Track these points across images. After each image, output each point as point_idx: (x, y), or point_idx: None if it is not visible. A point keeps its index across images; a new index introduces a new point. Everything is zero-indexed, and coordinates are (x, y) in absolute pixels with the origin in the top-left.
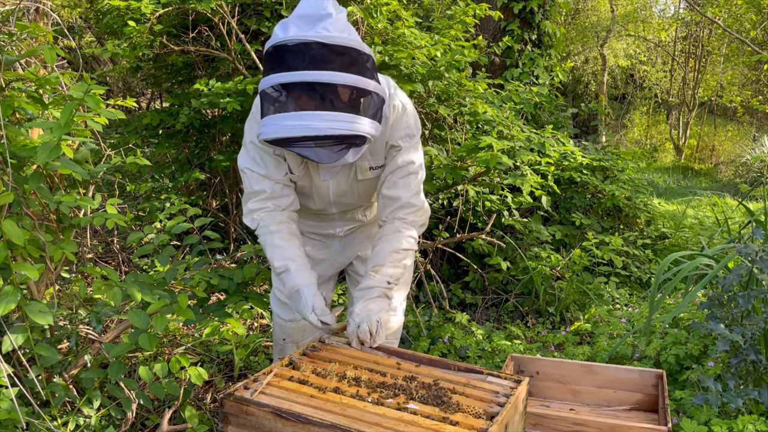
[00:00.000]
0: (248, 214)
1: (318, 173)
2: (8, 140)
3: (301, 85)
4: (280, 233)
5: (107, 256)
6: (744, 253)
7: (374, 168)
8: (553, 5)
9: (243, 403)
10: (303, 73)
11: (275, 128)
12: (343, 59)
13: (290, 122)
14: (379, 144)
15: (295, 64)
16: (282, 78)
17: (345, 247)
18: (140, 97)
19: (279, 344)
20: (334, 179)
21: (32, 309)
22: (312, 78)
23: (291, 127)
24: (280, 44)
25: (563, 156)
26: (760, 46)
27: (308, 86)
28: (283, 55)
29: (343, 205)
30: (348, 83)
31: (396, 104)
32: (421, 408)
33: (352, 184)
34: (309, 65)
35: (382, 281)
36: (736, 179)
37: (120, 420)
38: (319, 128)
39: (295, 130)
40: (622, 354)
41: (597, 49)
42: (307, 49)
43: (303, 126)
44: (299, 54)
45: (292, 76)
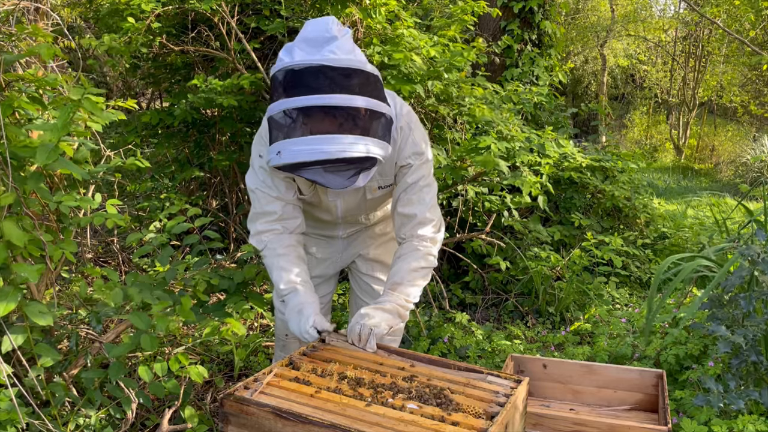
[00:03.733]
0: (255, 235)
1: (327, 194)
2: (8, 140)
3: (310, 109)
4: (287, 257)
5: (107, 256)
6: (745, 255)
7: (383, 187)
8: (553, 5)
9: (243, 403)
10: (311, 97)
11: (285, 154)
12: (351, 82)
13: (300, 147)
14: (388, 164)
15: (303, 88)
16: (290, 103)
17: (347, 247)
18: (140, 96)
19: (281, 340)
20: (342, 199)
21: (32, 309)
22: (321, 102)
23: (301, 152)
24: (286, 69)
25: (563, 156)
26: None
27: (317, 110)
28: (290, 79)
29: (351, 218)
30: (357, 105)
31: (402, 126)
32: (421, 408)
33: (361, 202)
34: (317, 89)
35: (399, 298)
36: (736, 179)
37: (120, 420)
38: (330, 152)
39: (305, 155)
40: (622, 354)
41: (597, 49)
42: (314, 73)
43: (313, 150)
44: (307, 78)
45: (301, 101)
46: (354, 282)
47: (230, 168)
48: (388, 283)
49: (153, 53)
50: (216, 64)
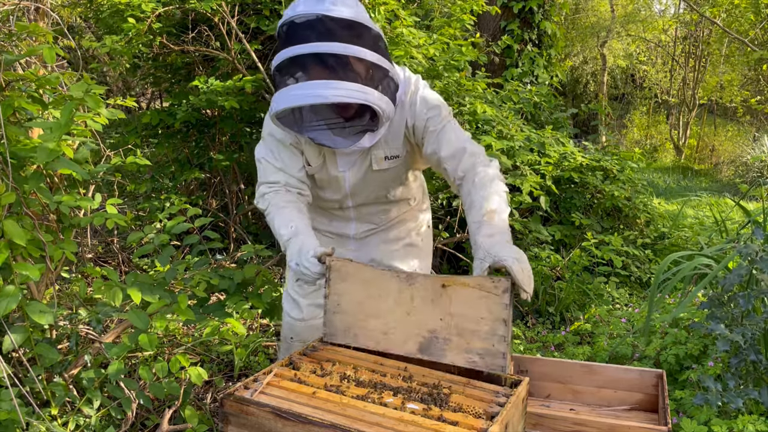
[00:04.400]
0: (260, 197)
1: (335, 164)
2: (8, 140)
3: (309, 56)
4: (288, 208)
5: (107, 256)
6: (744, 254)
7: (389, 158)
8: (553, 5)
9: (243, 403)
10: (310, 45)
11: (284, 99)
12: (350, 33)
13: (298, 92)
14: (395, 131)
15: (303, 38)
16: (290, 52)
17: (359, 250)
18: (140, 96)
19: (286, 342)
20: (350, 170)
21: (32, 309)
22: (318, 49)
23: (298, 96)
24: (288, 21)
25: (563, 156)
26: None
27: (316, 58)
28: (291, 31)
29: (360, 199)
30: (354, 54)
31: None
32: (421, 408)
33: (368, 174)
34: (317, 38)
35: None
36: (736, 179)
37: (120, 420)
38: (326, 96)
39: (302, 99)
40: (622, 354)
41: (597, 49)
42: (314, 24)
43: (309, 95)
44: (307, 28)
45: (300, 49)
46: None
47: (230, 168)
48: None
49: (153, 53)
50: (216, 64)
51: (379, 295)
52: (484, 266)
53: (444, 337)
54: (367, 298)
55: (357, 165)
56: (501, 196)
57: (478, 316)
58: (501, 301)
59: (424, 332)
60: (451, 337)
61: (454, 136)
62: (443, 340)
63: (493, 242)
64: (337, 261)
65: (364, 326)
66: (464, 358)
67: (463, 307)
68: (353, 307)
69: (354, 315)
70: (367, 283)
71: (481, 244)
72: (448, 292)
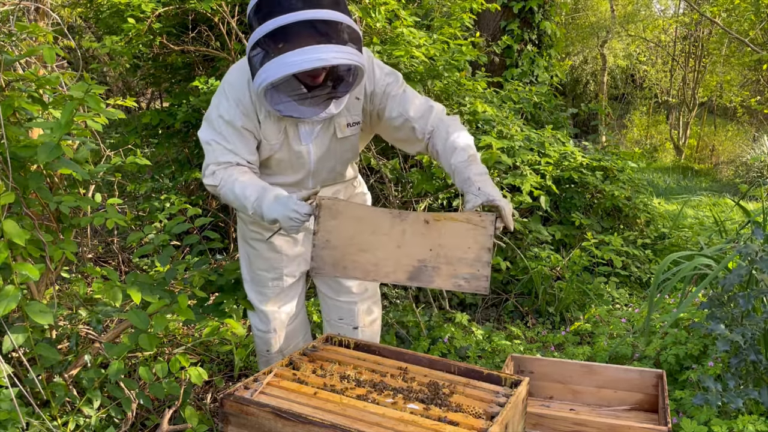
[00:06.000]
0: (210, 175)
1: (298, 138)
2: (8, 140)
3: (300, 24)
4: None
5: (107, 256)
6: (744, 254)
7: (351, 124)
8: (552, 5)
9: (243, 403)
10: (301, 12)
11: (282, 67)
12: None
13: (296, 58)
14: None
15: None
16: (281, 21)
17: None
18: (140, 96)
19: (264, 356)
20: (313, 142)
21: (32, 309)
22: (312, 16)
23: (296, 62)
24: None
25: (563, 156)
26: (760, 46)
27: (307, 24)
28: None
29: (320, 177)
30: (340, 20)
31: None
32: (421, 408)
33: (332, 144)
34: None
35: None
36: (735, 179)
37: (120, 420)
38: (327, 59)
39: (302, 64)
40: (622, 354)
41: (597, 49)
42: None
43: (310, 59)
44: None
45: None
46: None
47: None
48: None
49: (153, 53)
50: (216, 64)
51: (372, 231)
52: (477, 202)
53: (433, 265)
54: (359, 233)
55: (320, 136)
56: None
57: (465, 246)
58: (487, 232)
59: (414, 262)
60: (439, 265)
61: (417, 98)
62: (432, 269)
63: (485, 181)
64: (327, 199)
65: (354, 259)
66: (452, 282)
67: (451, 238)
68: (343, 243)
69: (343, 249)
70: (359, 219)
71: (474, 181)
72: (437, 226)
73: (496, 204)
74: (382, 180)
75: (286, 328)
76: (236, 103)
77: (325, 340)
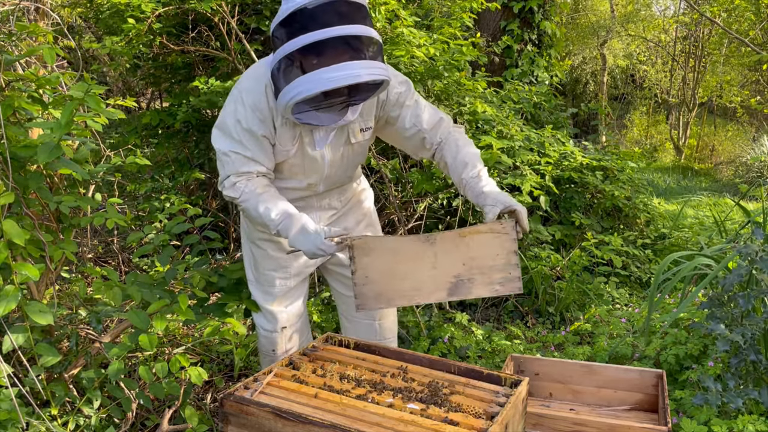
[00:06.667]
0: (230, 186)
1: (313, 143)
2: (8, 140)
3: (335, 40)
4: (268, 194)
5: (107, 256)
6: (744, 253)
7: (364, 130)
8: (553, 5)
9: (243, 403)
10: (337, 28)
11: (318, 83)
12: (362, 14)
13: (332, 74)
14: (369, 103)
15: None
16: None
17: None
18: (140, 96)
19: (269, 356)
20: (328, 147)
21: (32, 309)
22: (347, 32)
23: (333, 78)
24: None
25: (563, 156)
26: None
27: (341, 40)
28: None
29: (331, 181)
30: (371, 35)
31: None
32: (421, 408)
33: (345, 149)
34: (338, 21)
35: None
36: (735, 179)
37: (120, 420)
38: (361, 75)
39: (339, 81)
40: (622, 354)
41: (597, 49)
42: (332, 7)
43: (346, 76)
44: (326, 12)
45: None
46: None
47: None
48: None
49: (153, 53)
50: (216, 64)
51: (405, 259)
52: (495, 211)
53: (468, 278)
54: (394, 264)
55: (334, 141)
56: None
57: (494, 254)
58: (510, 237)
59: (450, 278)
60: (473, 276)
61: (428, 109)
62: (468, 281)
63: (497, 192)
64: (358, 239)
65: (395, 289)
66: (489, 289)
67: (480, 250)
68: (381, 276)
69: (383, 282)
70: (392, 251)
71: (489, 193)
72: (465, 241)
73: (514, 209)
74: (382, 180)
75: (292, 328)
76: (253, 109)
77: (325, 340)
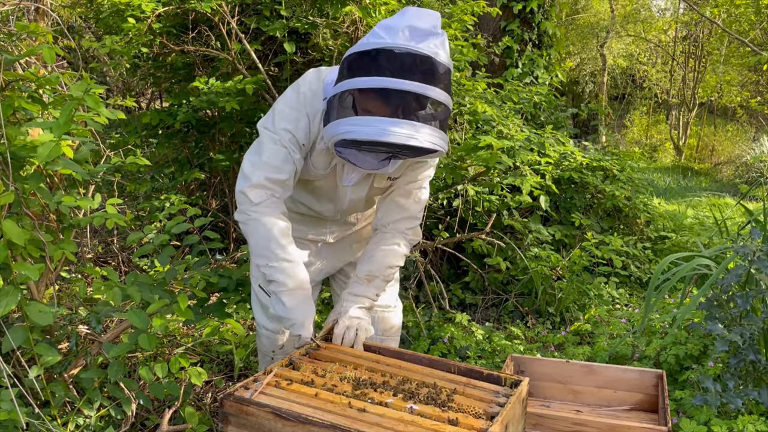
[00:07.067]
0: (260, 186)
1: (341, 178)
2: (8, 140)
3: (412, 95)
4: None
5: (107, 256)
6: (742, 254)
7: (391, 178)
8: (553, 5)
9: (243, 403)
10: (420, 85)
11: (375, 132)
12: (445, 81)
13: (395, 129)
14: None
15: (405, 72)
16: (399, 84)
17: (335, 254)
18: (140, 96)
19: (268, 356)
20: (353, 187)
21: (32, 309)
22: (425, 92)
23: (394, 133)
24: (386, 48)
25: (563, 156)
26: (760, 47)
27: (417, 98)
28: (390, 60)
29: (347, 213)
30: (448, 105)
31: None
32: (421, 408)
33: (369, 191)
34: (420, 77)
35: (372, 293)
36: (735, 179)
37: (120, 420)
38: (423, 142)
39: (399, 137)
40: (622, 354)
41: (597, 50)
42: (419, 61)
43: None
44: (410, 63)
45: (410, 86)
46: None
47: (230, 168)
48: (363, 271)
49: (153, 53)
50: (216, 64)
51: None
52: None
53: None
54: None
55: (361, 183)
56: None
57: None
58: None
59: None
60: None
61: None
62: None
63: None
64: None
65: None
66: None
67: None
68: None
69: None
70: None
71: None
72: None
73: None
74: None
75: None
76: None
77: (324, 339)
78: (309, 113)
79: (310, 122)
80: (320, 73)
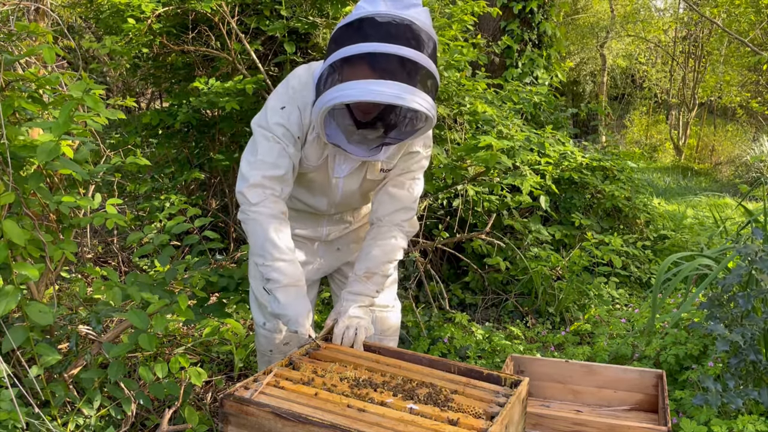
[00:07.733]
0: (258, 185)
1: (333, 169)
2: (8, 140)
3: (397, 58)
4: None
5: (107, 256)
6: (743, 254)
7: (384, 170)
8: (553, 5)
9: (243, 403)
10: (406, 49)
11: (362, 92)
12: (428, 47)
13: (381, 88)
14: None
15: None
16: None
17: (332, 252)
18: (140, 96)
19: (266, 356)
20: (345, 178)
21: (32, 309)
22: (409, 55)
23: (380, 93)
24: (368, 17)
25: (563, 156)
26: (760, 47)
27: (402, 61)
28: (373, 27)
29: (342, 207)
30: (433, 72)
31: None
32: (421, 408)
33: (362, 183)
34: (404, 42)
35: (372, 290)
36: (735, 179)
37: (120, 420)
38: (406, 100)
39: (385, 96)
40: (622, 354)
41: (597, 50)
42: (402, 27)
43: (395, 95)
44: (393, 29)
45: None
46: (332, 281)
47: (230, 168)
48: (362, 269)
49: (153, 53)
50: (216, 64)
51: None
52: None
53: None
54: None
55: (353, 174)
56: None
57: None
58: None
59: None
60: None
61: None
62: None
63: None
64: None
65: None
66: None
67: None
68: None
69: None
70: None
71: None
72: None
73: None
74: None
75: None
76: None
77: (324, 339)
78: (300, 105)
79: (301, 113)
80: (310, 67)
